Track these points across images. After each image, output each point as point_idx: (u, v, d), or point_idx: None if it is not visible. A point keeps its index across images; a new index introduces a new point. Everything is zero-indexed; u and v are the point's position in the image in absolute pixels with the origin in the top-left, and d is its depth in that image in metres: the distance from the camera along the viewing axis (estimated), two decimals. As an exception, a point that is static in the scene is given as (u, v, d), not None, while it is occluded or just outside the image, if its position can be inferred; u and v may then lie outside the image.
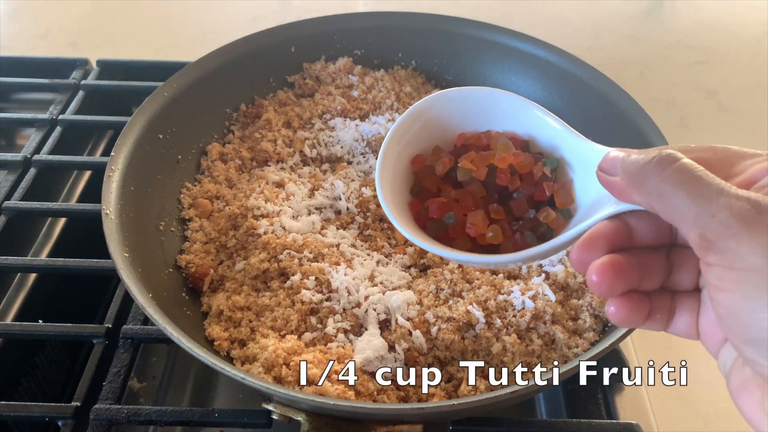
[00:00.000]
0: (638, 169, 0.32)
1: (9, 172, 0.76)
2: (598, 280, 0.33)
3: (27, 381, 0.66)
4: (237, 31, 0.76)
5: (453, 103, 0.46)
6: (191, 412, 0.54)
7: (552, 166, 0.42)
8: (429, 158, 0.46)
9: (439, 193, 0.44)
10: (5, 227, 0.70)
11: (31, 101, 0.92)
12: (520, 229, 0.41)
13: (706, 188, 0.29)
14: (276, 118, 0.74)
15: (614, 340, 0.48)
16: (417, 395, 0.52)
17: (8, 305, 0.67)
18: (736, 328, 0.29)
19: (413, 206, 0.45)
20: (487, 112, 0.45)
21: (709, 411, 0.62)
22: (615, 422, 0.55)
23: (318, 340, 0.55)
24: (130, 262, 0.52)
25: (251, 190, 0.66)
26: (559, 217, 0.40)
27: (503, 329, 0.54)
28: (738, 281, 0.28)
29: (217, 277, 0.61)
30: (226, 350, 0.55)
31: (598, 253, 0.34)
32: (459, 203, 0.43)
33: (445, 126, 0.46)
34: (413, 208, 0.45)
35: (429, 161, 0.46)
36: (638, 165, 0.32)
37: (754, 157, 0.32)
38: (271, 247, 0.59)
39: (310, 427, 0.46)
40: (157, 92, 0.66)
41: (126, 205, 0.57)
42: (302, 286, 0.57)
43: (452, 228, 0.43)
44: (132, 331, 0.60)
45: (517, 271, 0.60)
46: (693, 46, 1.11)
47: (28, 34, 1.13)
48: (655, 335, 0.68)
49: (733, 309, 0.29)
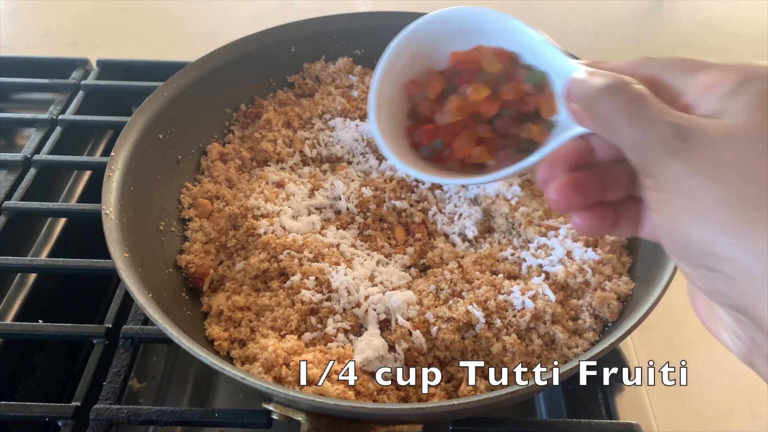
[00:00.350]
0: (590, 95, 0.33)
1: (9, 172, 0.76)
2: (555, 197, 0.35)
3: (27, 381, 0.66)
4: (237, 31, 0.76)
5: (442, 25, 0.46)
6: (191, 412, 0.54)
7: (535, 81, 0.43)
8: (421, 82, 0.46)
9: (433, 116, 0.45)
10: (5, 227, 0.70)
11: (31, 101, 0.92)
12: (504, 147, 0.43)
13: (644, 116, 0.31)
14: (276, 118, 0.74)
15: (614, 340, 0.48)
16: (417, 395, 0.52)
17: (8, 305, 0.67)
18: (667, 244, 0.32)
19: (410, 131, 0.46)
20: (476, 30, 0.46)
21: (709, 411, 0.62)
22: (615, 422, 0.55)
23: (318, 340, 0.55)
24: (130, 262, 0.52)
25: (251, 190, 0.66)
26: (542, 130, 0.41)
27: (503, 329, 0.54)
28: (664, 203, 0.31)
29: (217, 277, 0.61)
30: (226, 350, 0.55)
31: (560, 173, 0.36)
32: (447, 128, 0.44)
33: (436, 48, 0.46)
34: (409, 133, 0.46)
35: (422, 85, 0.46)
36: (590, 91, 0.33)
37: (705, 68, 0.32)
38: (271, 247, 0.59)
39: (310, 427, 0.46)
40: (157, 92, 0.66)
41: (126, 205, 0.57)
42: (302, 286, 0.57)
43: (443, 152, 0.44)
44: (132, 331, 0.60)
45: (517, 271, 0.60)
46: (693, 46, 1.11)
47: (28, 34, 1.13)
48: (655, 335, 0.68)
49: (662, 227, 0.31)
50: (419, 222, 0.65)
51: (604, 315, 0.56)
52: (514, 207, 0.64)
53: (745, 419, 0.62)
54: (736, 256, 0.28)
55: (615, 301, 0.56)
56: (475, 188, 0.66)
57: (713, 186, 0.28)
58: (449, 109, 0.44)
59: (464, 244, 0.63)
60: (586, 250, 0.59)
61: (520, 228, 0.63)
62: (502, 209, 0.64)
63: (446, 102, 0.44)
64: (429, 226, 0.65)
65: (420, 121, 0.46)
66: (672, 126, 0.30)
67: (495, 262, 0.60)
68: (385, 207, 0.65)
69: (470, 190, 0.66)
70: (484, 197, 0.65)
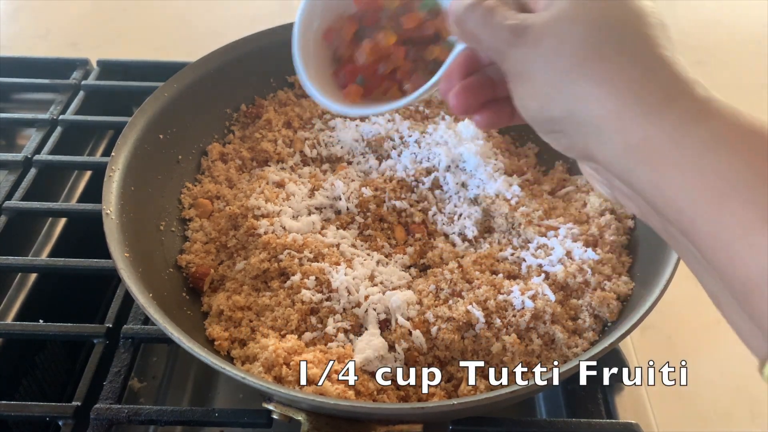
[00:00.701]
0: (459, 16, 0.39)
1: (9, 172, 0.76)
2: (455, 103, 0.42)
3: (27, 381, 0.66)
4: (237, 31, 0.76)
5: None
6: (191, 411, 0.55)
7: (428, 8, 0.47)
8: (336, 29, 0.51)
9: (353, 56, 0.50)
10: (6, 227, 0.70)
11: (32, 101, 0.92)
12: (415, 71, 0.48)
13: (493, 25, 0.37)
14: (276, 118, 0.74)
15: (614, 339, 0.48)
16: (417, 395, 0.52)
17: (9, 305, 0.67)
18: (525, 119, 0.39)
19: (336, 75, 0.51)
20: None
21: (709, 411, 0.62)
22: (615, 422, 0.55)
23: (318, 340, 0.55)
24: (130, 262, 0.52)
25: (251, 190, 0.66)
26: (443, 49, 0.46)
27: (503, 329, 0.54)
28: (514, 88, 0.37)
29: (217, 277, 0.61)
30: (227, 350, 0.55)
31: (456, 82, 0.42)
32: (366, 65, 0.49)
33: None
34: (336, 77, 0.51)
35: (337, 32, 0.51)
36: (459, 12, 0.39)
37: None
38: (271, 247, 0.59)
39: (310, 426, 0.46)
40: (158, 92, 0.66)
41: (126, 205, 0.57)
42: (302, 286, 0.57)
43: (367, 86, 0.49)
44: (132, 330, 0.60)
45: (517, 271, 0.60)
46: (693, 46, 1.11)
47: (28, 34, 1.13)
48: (655, 335, 0.68)
49: (518, 108, 0.38)
50: (419, 222, 0.65)
51: (603, 315, 0.56)
52: (514, 207, 0.64)
53: (745, 419, 0.62)
54: (564, 115, 0.35)
55: (615, 301, 0.56)
56: (475, 188, 0.66)
57: (541, 65, 0.35)
58: (364, 51, 0.49)
59: (464, 244, 0.63)
60: (585, 250, 0.59)
61: (519, 228, 0.63)
62: (502, 209, 0.64)
63: (361, 43, 0.49)
64: (429, 226, 0.65)
65: (342, 64, 0.51)
66: (510, 27, 0.36)
67: (495, 262, 0.60)
68: (385, 207, 0.65)
69: (470, 190, 0.66)
70: (483, 197, 0.65)
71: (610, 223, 0.62)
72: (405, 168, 0.68)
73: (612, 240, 0.60)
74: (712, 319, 0.68)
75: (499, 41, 0.37)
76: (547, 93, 0.35)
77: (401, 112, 0.75)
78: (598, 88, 0.33)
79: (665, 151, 0.31)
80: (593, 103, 0.33)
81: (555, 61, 0.34)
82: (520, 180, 0.68)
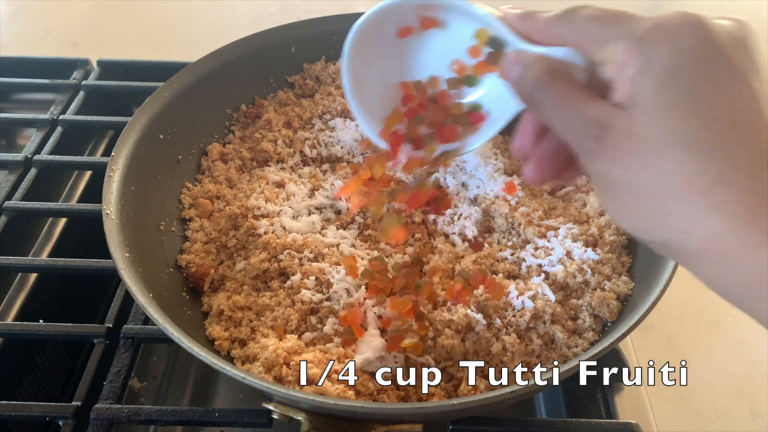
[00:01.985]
0: (516, 80, 0.36)
1: (10, 172, 0.76)
2: (533, 177, 0.39)
3: (28, 381, 0.66)
4: (237, 31, 0.76)
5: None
6: (191, 411, 0.55)
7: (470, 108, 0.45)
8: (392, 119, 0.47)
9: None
10: (6, 227, 0.70)
11: (32, 101, 0.92)
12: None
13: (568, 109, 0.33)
14: (276, 119, 0.74)
15: (614, 339, 0.48)
16: (417, 395, 0.52)
17: (9, 305, 0.68)
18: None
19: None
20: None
21: (709, 411, 0.62)
22: (615, 422, 0.55)
23: (318, 340, 0.55)
24: (130, 262, 0.52)
25: (251, 190, 0.66)
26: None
27: (503, 329, 0.54)
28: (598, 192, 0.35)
29: (217, 277, 0.61)
30: (227, 350, 0.55)
31: (528, 138, 0.39)
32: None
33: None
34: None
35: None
36: (517, 77, 0.36)
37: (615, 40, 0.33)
38: (271, 247, 0.59)
39: (310, 426, 0.46)
40: (158, 92, 0.66)
41: (126, 205, 0.57)
42: (302, 286, 0.57)
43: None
44: (132, 330, 0.60)
45: (517, 271, 0.60)
46: (693, 46, 1.11)
47: (28, 34, 1.13)
48: (655, 335, 0.68)
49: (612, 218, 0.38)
50: (419, 222, 0.65)
51: (603, 315, 0.56)
52: (514, 207, 0.64)
53: (745, 419, 0.62)
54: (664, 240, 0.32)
55: (614, 301, 0.56)
56: (475, 188, 0.66)
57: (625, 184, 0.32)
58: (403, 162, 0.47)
59: (464, 244, 0.63)
60: (585, 250, 0.59)
61: (519, 228, 0.63)
62: (501, 209, 0.64)
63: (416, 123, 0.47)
64: (429, 226, 0.65)
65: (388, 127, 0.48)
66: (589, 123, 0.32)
67: (495, 262, 0.60)
68: (385, 207, 0.65)
69: (470, 190, 0.66)
70: (483, 197, 0.65)
71: (609, 223, 0.62)
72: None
73: (612, 240, 0.60)
74: (712, 319, 0.68)
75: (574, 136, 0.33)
76: (646, 217, 0.32)
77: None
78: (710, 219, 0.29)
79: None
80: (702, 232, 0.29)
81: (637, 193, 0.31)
82: (519, 180, 0.68)
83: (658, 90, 0.30)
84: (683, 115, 0.29)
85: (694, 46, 0.30)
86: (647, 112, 0.30)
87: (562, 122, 0.34)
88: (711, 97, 0.29)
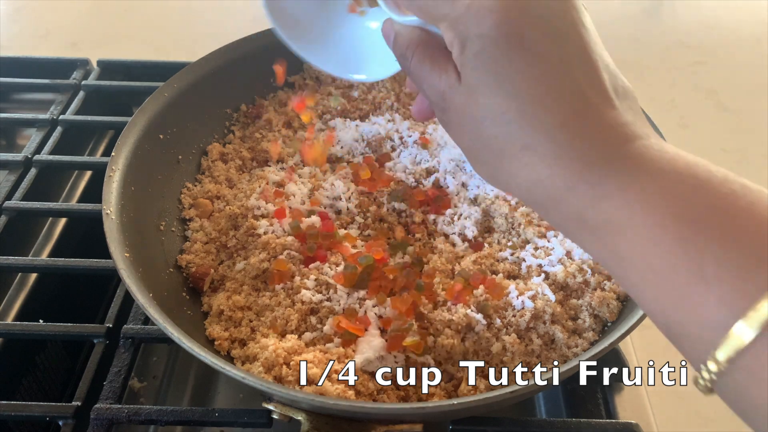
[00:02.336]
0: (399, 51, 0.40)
1: (10, 172, 0.76)
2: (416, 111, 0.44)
3: (27, 381, 0.66)
4: (237, 32, 0.76)
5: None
6: (191, 411, 0.55)
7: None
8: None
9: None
10: (6, 227, 0.70)
11: (32, 101, 0.92)
12: None
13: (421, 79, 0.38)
14: (276, 118, 0.74)
15: (614, 339, 0.48)
16: (417, 395, 0.52)
17: (9, 305, 0.67)
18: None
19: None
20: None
21: (709, 411, 0.62)
22: (615, 422, 0.55)
23: (318, 340, 0.55)
24: (130, 262, 0.52)
25: (251, 190, 0.66)
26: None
27: (503, 329, 0.54)
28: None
29: (217, 277, 0.61)
30: (227, 350, 0.55)
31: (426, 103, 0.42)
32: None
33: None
34: None
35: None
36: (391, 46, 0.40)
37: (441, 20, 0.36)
38: (271, 247, 0.59)
39: (310, 426, 0.46)
40: (158, 92, 0.66)
41: (126, 205, 0.57)
42: (302, 286, 0.57)
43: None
44: (132, 330, 0.60)
45: (517, 271, 0.60)
46: (693, 46, 1.11)
47: (28, 34, 1.13)
48: (655, 335, 0.68)
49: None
50: (419, 222, 0.65)
51: (603, 315, 0.56)
52: (514, 207, 0.64)
53: (744, 419, 0.61)
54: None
55: (614, 301, 0.56)
56: (475, 188, 0.66)
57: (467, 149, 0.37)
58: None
59: (464, 244, 0.63)
60: (585, 250, 0.59)
61: (519, 228, 0.63)
62: (501, 209, 0.64)
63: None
64: (429, 226, 0.65)
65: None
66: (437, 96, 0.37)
67: (495, 262, 0.60)
68: (385, 207, 0.65)
69: (470, 190, 0.66)
70: (483, 197, 0.65)
71: (610, 223, 0.62)
72: (405, 168, 0.68)
73: (612, 240, 0.60)
74: (712, 319, 0.68)
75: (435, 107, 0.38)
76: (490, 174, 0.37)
77: (401, 112, 0.75)
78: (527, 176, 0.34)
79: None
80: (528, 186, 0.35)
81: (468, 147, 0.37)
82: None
83: (472, 71, 0.34)
84: (492, 92, 0.34)
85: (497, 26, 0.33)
86: (470, 89, 0.35)
87: (423, 91, 0.39)
88: (513, 75, 0.33)
